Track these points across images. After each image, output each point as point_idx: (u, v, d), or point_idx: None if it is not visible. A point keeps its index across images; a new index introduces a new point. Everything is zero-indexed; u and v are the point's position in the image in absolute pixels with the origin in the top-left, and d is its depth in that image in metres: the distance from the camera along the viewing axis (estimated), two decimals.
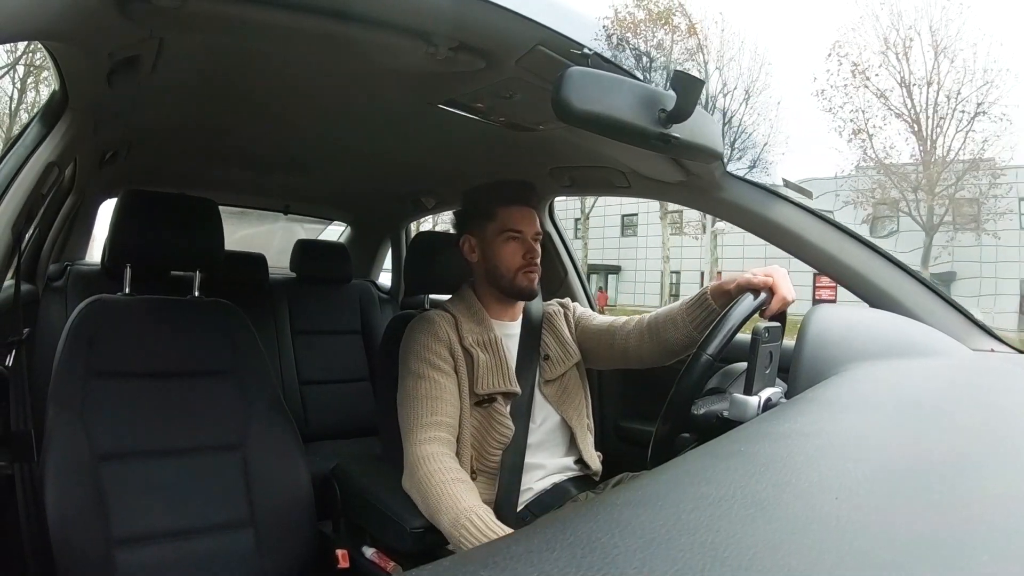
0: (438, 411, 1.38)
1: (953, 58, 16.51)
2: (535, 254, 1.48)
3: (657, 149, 1.06)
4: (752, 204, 1.46)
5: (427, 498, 1.26)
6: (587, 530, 0.41)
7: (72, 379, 1.38)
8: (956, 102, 16.56)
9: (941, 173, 16.54)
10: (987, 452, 0.60)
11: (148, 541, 1.35)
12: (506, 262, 1.48)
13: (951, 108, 16.66)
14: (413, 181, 2.47)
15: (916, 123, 16.86)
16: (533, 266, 1.48)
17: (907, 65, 16.97)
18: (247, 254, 2.73)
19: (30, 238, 1.59)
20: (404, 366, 1.46)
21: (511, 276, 1.48)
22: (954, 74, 16.61)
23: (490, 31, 1.06)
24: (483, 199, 1.53)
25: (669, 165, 1.48)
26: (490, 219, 1.49)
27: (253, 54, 1.24)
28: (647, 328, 1.47)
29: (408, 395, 1.41)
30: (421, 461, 1.31)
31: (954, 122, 16.66)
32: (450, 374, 1.43)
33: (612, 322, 1.57)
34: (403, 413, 1.41)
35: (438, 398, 1.39)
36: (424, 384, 1.40)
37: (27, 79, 14.11)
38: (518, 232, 1.47)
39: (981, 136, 16.44)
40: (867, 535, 0.40)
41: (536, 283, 1.50)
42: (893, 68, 17.02)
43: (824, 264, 1.42)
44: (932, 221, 16.54)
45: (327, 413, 2.71)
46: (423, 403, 1.39)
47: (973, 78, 16.39)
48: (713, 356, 1.08)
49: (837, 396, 0.84)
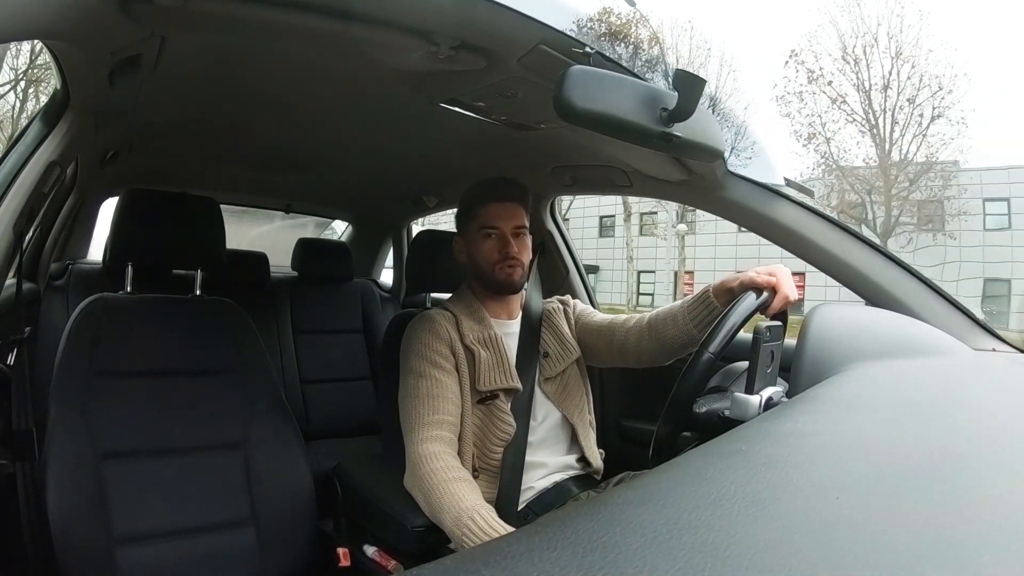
0: (439, 409, 1.38)
1: (915, 64, 17.04)
2: (510, 247, 1.48)
3: (659, 148, 1.06)
4: (754, 203, 1.46)
5: (429, 497, 1.26)
6: (588, 529, 0.41)
7: (73, 378, 1.38)
8: (913, 107, 17.07)
9: (897, 176, 16.95)
10: (989, 452, 0.60)
11: (150, 540, 1.35)
12: (484, 258, 1.49)
13: (909, 112, 17.17)
14: (415, 180, 2.47)
15: (874, 127, 17.34)
16: (509, 259, 1.48)
17: (867, 71, 17.46)
18: (249, 253, 2.73)
19: (32, 237, 1.60)
20: (405, 365, 1.46)
21: (490, 271, 1.49)
22: (912, 79, 17.14)
23: (492, 30, 1.06)
24: (466, 200, 1.55)
25: (671, 164, 1.48)
26: (472, 218, 1.51)
27: (254, 53, 1.24)
28: (647, 326, 1.47)
29: (410, 394, 1.41)
30: (423, 460, 1.31)
31: (911, 126, 17.19)
32: (451, 372, 1.43)
33: (612, 320, 1.57)
34: (404, 412, 1.41)
35: (440, 396, 1.39)
36: (425, 383, 1.40)
37: (28, 90, 14.12)
38: (494, 228, 1.48)
39: (938, 139, 16.95)
40: (868, 535, 0.40)
41: (518, 276, 1.49)
42: (851, 74, 17.52)
43: (826, 263, 1.42)
44: (889, 224, 16.83)
45: (328, 412, 2.71)
46: (424, 402, 1.39)
47: (930, 83, 16.92)
48: (715, 354, 1.08)
49: (838, 395, 0.84)
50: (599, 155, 1.66)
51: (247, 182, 2.66)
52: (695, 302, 1.38)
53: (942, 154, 16.87)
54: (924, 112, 16.94)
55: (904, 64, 17.04)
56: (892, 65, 17.13)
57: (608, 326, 1.56)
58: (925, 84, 16.88)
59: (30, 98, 14.23)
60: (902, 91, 17.11)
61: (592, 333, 1.59)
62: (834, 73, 17.55)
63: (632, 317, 1.54)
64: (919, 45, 16.87)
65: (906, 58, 16.98)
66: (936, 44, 18.11)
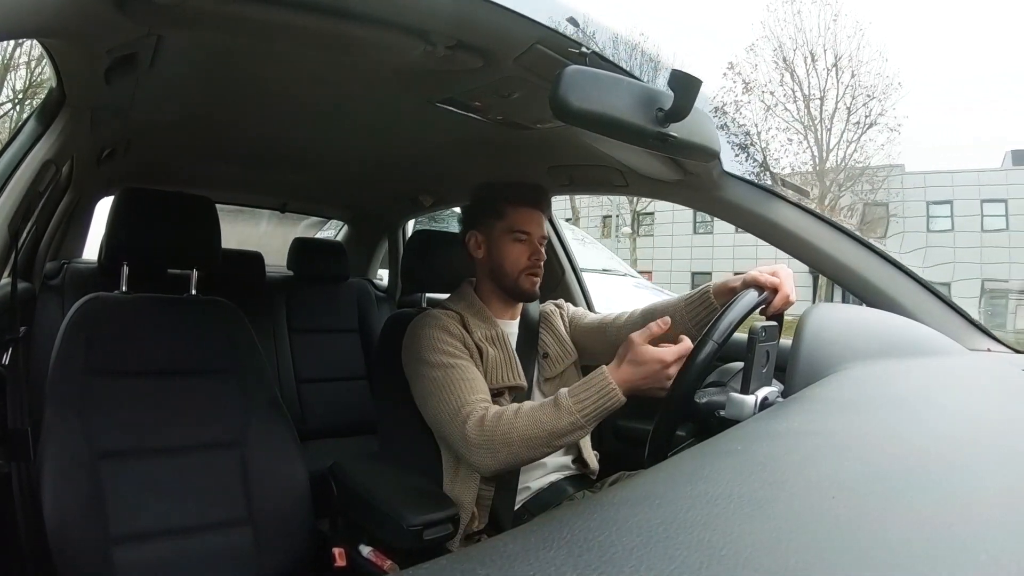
0: (478, 389, 1.33)
1: (854, 73, 18.05)
2: (540, 257, 1.48)
3: (655, 148, 1.05)
4: (750, 203, 1.46)
5: (511, 444, 1.21)
6: (584, 528, 0.41)
7: (69, 377, 1.37)
8: (850, 114, 18.06)
9: (832, 183, 17.63)
10: (983, 452, 0.60)
11: (146, 539, 1.35)
12: (511, 262, 1.48)
13: (844, 120, 18.16)
14: (411, 179, 2.46)
15: (813, 134, 18.18)
16: (537, 268, 1.48)
17: (809, 79, 18.38)
18: (244, 252, 2.73)
19: (27, 236, 1.59)
20: (420, 363, 1.40)
21: (515, 277, 1.48)
22: (848, 88, 18.17)
23: (488, 29, 1.06)
24: (494, 197, 1.53)
25: (667, 164, 1.48)
26: (499, 217, 1.49)
27: (251, 52, 1.24)
28: (640, 318, 1.46)
29: (438, 387, 1.34)
30: (483, 423, 1.25)
31: (848, 133, 18.17)
32: (470, 360, 1.40)
33: (603, 318, 1.58)
34: (436, 407, 1.34)
35: (474, 379, 1.34)
36: (453, 372, 1.35)
37: (25, 100, 14.05)
38: (526, 233, 1.47)
39: (873, 145, 18.04)
40: (864, 534, 0.40)
41: (537, 287, 1.50)
42: (787, 84, 18.48)
43: (822, 263, 1.43)
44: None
45: (324, 411, 2.71)
46: (461, 386, 1.32)
47: (865, 91, 17.97)
48: (718, 342, 1.09)
49: (834, 395, 0.84)
50: (595, 155, 1.66)
51: (243, 181, 2.66)
52: (694, 301, 1.38)
53: (875, 159, 17.85)
54: (859, 120, 18.03)
55: (843, 73, 18.09)
56: (828, 75, 18.19)
57: (599, 325, 1.56)
58: (860, 92, 17.98)
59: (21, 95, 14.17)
60: (841, 98, 18.16)
61: (585, 333, 1.59)
62: (771, 83, 18.47)
63: (624, 313, 1.54)
64: (853, 58, 18.03)
65: (843, 68, 18.05)
66: (871, 55, 19.31)
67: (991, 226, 17.79)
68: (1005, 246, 17.13)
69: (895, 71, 23.28)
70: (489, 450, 1.23)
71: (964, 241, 17.60)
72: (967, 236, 17.69)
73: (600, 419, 1.20)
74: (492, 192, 1.54)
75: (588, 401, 1.18)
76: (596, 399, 1.18)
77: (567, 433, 1.19)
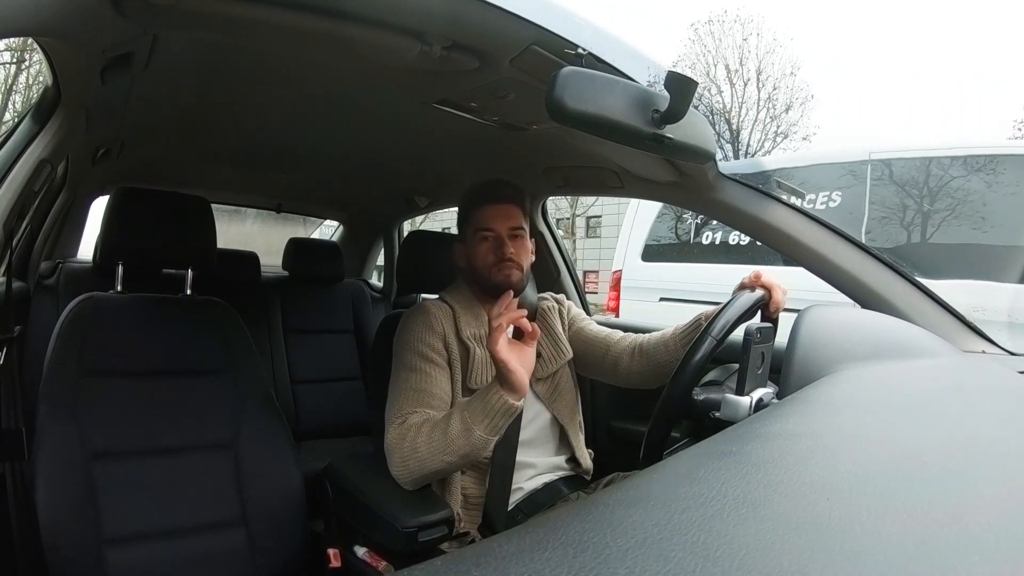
0: (423, 403, 1.36)
1: (776, 85, 18.98)
2: (505, 248, 1.45)
3: (650, 149, 1.06)
4: (745, 205, 1.47)
5: (417, 453, 1.26)
6: (579, 529, 0.42)
7: (64, 377, 1.37)
8: (766, 124, 19.07)
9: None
10: (977, 453, 0.61)
11: (139, 540, 1.34)
12: (480, 260, 1.47)
13: (763, 130, 19.17)
14: (406, 180, 2.46)
15: (734, 143, 19.10)
16: (505, 261, 1.45)
17: (733, 91, 19.27)
18: (239, 252, 2.72)
19: (21, 235, 1.58)
20: (397, 359, 1.44)
21: (487, 274, 1.46)
22: (763, 99, 19.11)
23: (484, 30, 1.05)
24: (462, 204, 1.54)
25: (662, 165, 1.49)
26: (467, 222, 1.50)
27: (246, 52, 1.23)
28: (639, 349, 1.50)
29: (398, 387, 1.40)
30: (403, 433, 1.31)
31: (766, 142, 19.15)
32: (443, 367, 1.42)
33: (609, 334, 1.58)
34: (389, 404, 1.40)
35: (426, 391, 1.38)
36: (415, 377, 1.39)
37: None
38: (489, 230, 1.46)
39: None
40: (858, 535, 0.41)
41: (515, 277, 1.45)
42: (710, 95, 19.18)
43: (816, 265, 1.43)
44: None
45: (319, 412, 2.70)
46: (410, 395, 1.37)
47: (780, 103, 18.94)
48: (716, 339, 1.09)
49: (828, 397, 0.84)
50: (591, 156, 1.66)
51: (238, 181, 2.66)
52: (687, 328, 1.42)
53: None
54: (769, 130, 19.05)
55: (763, 87, 19.05)
56: (744, 88, 19.17)
57: (604, 340, 1.57)
58: (773, 103, 19.01)
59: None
60: (762, 108, 19.11)
61: (586, 343, 1.59)
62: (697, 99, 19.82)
63: (627, 336, 1.55)
64: (770, 71, 18.99)
65: (763, 81, 19.05)
66: (787, 69, 19.66)
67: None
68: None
69: (806, 83, 24.75)
70: (400, 459, 1.30)
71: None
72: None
73: (500, 429, 1.23)
74: (462, 200, 1.55)
75: (481, 410, 1.22)
76: (486, 410, 1.22)
77: (456, 454, 1.24)
